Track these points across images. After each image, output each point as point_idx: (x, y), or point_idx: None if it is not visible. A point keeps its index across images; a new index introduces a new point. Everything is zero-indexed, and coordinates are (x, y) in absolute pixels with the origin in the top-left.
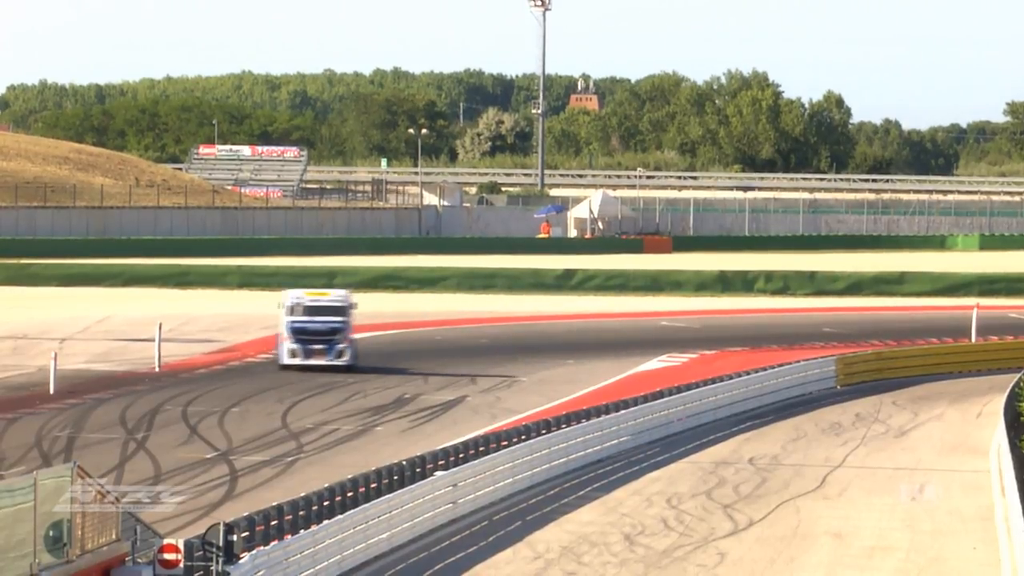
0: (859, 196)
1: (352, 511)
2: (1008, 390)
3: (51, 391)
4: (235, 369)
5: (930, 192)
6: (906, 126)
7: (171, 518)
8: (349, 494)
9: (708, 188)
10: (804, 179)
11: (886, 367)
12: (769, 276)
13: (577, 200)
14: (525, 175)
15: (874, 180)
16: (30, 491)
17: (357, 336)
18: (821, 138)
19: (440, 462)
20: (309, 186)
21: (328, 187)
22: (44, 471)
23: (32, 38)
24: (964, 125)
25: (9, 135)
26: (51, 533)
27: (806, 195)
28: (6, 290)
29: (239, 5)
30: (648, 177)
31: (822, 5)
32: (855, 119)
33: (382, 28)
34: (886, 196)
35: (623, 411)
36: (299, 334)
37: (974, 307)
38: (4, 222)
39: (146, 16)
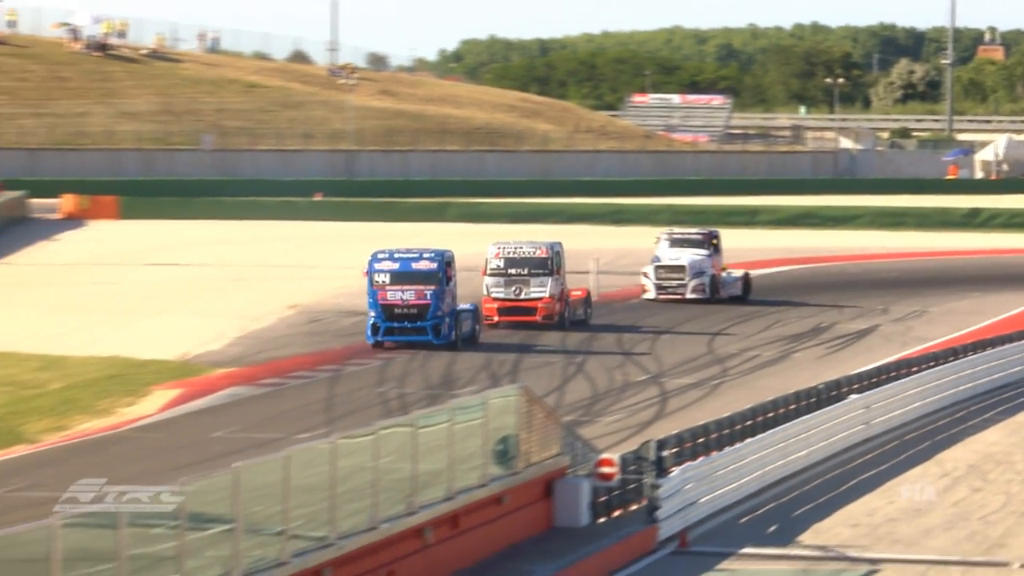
0: None
1: (772, 430)
2: None
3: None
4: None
5: None
6: None
7: (607, 435)
8: (770, 415)
9: None
10: None
11: None
12: None
13: (983, 144)
14: (934, 121)
15: None
16: (480, 409)
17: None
18: None
19: (855, 386)
20: (733, 131)
21: (750, 132)
22: (493, 391)
23: None
24: None
25: (462, 85)
26: (499, 447)
27: None
28: (459, 226)
29: None
30: None
31: None
32: None
33: None
34: None
35: None
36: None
37: None
38: (456, 164)
39: None
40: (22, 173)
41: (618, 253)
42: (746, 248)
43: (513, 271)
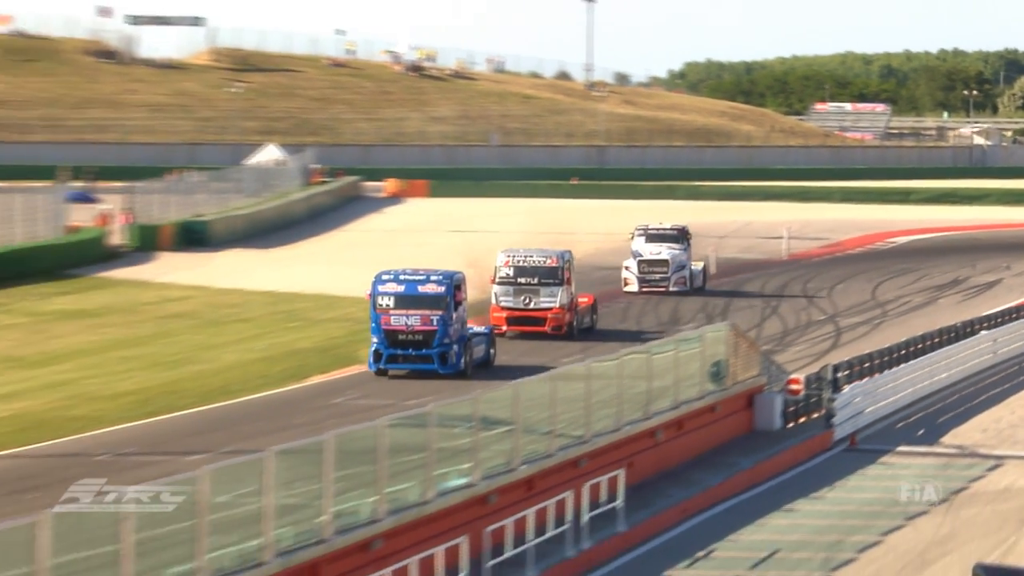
0: None
1: (921, 358)
2: None
3: (712, 272)
4: (839, 258)
5: None
6: None
7: (794, 360)
8: (919, 346)
9: None
10: None
11: None
12: None
13: None
14: None
15: None
16: (698, 341)
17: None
18: None
19: (985, 324)
20: (891, 131)
21: (905, 132)
22: (708, 327)
23: (702, 27)
24: None
25: (685, 97)
26: (713, 369)
27: None
28: (685, 203)
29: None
30: None
31: None
32: None
33: (946, 15)
34: None
35: None
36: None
37: None
38: (681, 156)
39: (782, 10)
40: (357, 163)
41: (804, 223)
42: (901, 220)
43: (523, 280)
